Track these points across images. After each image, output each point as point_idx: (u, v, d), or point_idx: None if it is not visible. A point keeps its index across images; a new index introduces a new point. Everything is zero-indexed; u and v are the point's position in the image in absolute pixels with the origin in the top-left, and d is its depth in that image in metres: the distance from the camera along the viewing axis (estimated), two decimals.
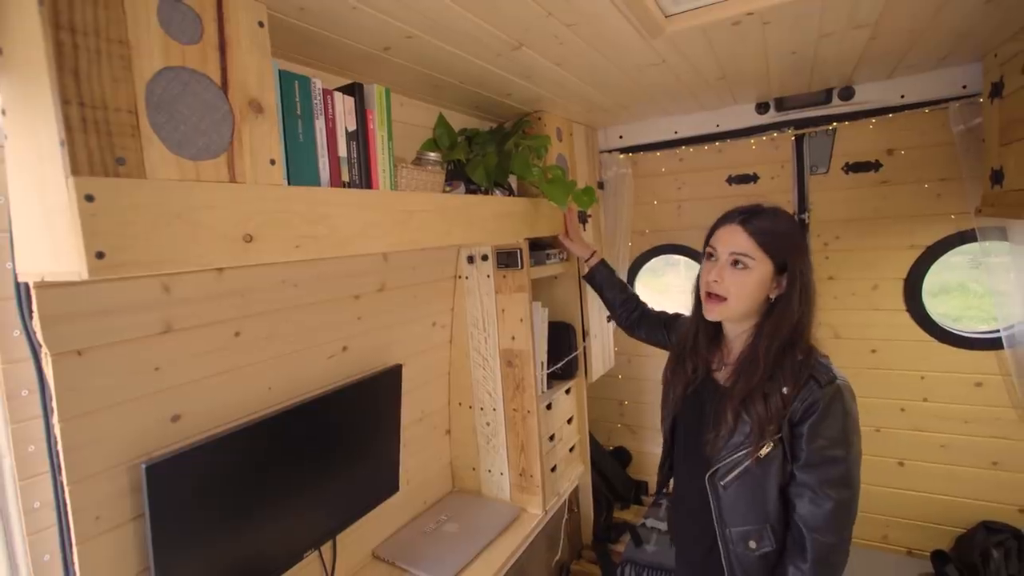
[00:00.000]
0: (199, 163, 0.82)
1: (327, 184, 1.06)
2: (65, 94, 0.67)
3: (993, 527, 1.99)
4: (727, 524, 1.13)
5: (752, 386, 1.06)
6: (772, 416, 1.04)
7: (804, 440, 1.03)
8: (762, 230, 1.08)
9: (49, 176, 0.70)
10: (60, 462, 0.94)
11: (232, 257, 0.84)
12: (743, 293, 1.09)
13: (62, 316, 0.91)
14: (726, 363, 1.20)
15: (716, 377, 1.21)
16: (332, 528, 1.42)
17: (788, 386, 1.04)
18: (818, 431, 1.02)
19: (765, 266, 1.07)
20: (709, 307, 1.14)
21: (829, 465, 1.02)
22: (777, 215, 1.12)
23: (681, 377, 1.25)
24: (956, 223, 1.98)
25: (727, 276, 1.09)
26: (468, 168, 1.58)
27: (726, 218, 1.14)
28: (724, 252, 1.10)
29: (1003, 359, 1.95)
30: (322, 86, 1.05)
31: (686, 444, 1.25)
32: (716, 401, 1.14)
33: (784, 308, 1.08)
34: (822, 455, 1.02)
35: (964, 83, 1.84)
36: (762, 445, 1.05)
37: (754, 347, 1.09)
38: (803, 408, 1.03)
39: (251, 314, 1.23)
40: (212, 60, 0.84)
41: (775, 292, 1.09)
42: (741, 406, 1.07)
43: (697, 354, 1.23)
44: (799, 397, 1.03)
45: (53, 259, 0.73)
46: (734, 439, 1.09)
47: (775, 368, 1.06)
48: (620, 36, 1.28)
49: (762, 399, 1.05)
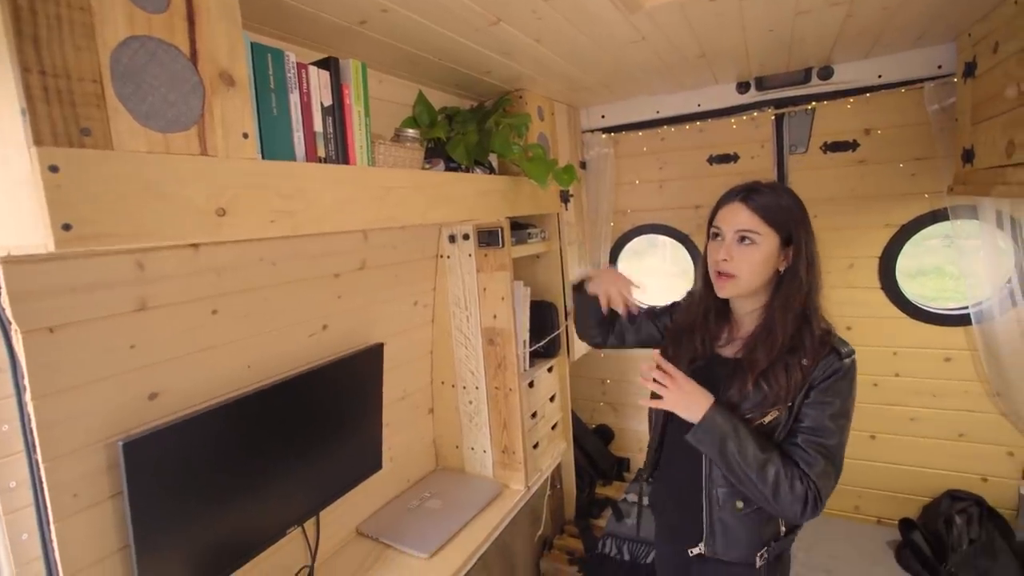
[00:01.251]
0: (168, 135, 0.80)
1: (302, 159, 1.04)
2: (25, 62, 0.65)
3: (957, 495, 2.07)
4: (715, 484, 1.15)
5: (772, 357, 1.08)
6: (792, 387, 1.05)
7: (813, 405, 1.05)
8: (764, 205, 1.09)
9: (11, 147, 0.68)
10: (35, 440, 0.93)
11: (205, 232, 0.83)
12: (753, 269, 1.10)
13: (32, 292, 0.89)
14: (733, 338, 1.21)
15: (722, 352, 1.22)
16: (315, 505, 1.43)
17: (808, 359, 1.06)
18: (827, 397, 1.05)
19: (771, 240, 1.09)
20: (720, 284, 1.14)
21: (828, 433, 1.04)
22: (776, 189, 1.14)
23: (687, 351, 1.24)
24: (930, 202, 2.02)
25: (735, 253, 1.10)
26: (448, 146, 1.57)
27: (727, 197, 1.16)
28: (729, 230, 1.12)
29: (971, 335, 2.01)
30: (296, 59, 1.03)
31: (682, 420, 1.19)
32: (728, 372, 1.14)
33: (792, 280, 1.10)
34: (830, 422, 1.04)
35: (939, 63, 1.86)
36: (768, 412, 1.07)
37: (769, 320, 1.11)
38: (822, 376, 1.05)
39: (228, 292, 1.22)
40: (180, 30, 0.82)
41: (783, 265, 1.11)
42: (761, 376, 1.08)
43: (707, 329, 1.23)
44: (820, 367, 1.05)
45: (18, 232, 0.72)
46: (744, 405, 1.10)
47: (794, 340, 1.08)
48: (598, 10, 1.27)
49: (783, 370, 1.06)
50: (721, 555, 1.17)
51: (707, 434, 1.07)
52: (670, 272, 3.66)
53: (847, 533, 2.19)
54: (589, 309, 1.44)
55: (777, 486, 1.03)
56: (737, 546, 1.16)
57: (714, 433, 1.07)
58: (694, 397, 1.10)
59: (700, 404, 1.09)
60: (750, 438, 1.05)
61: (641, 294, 1.38)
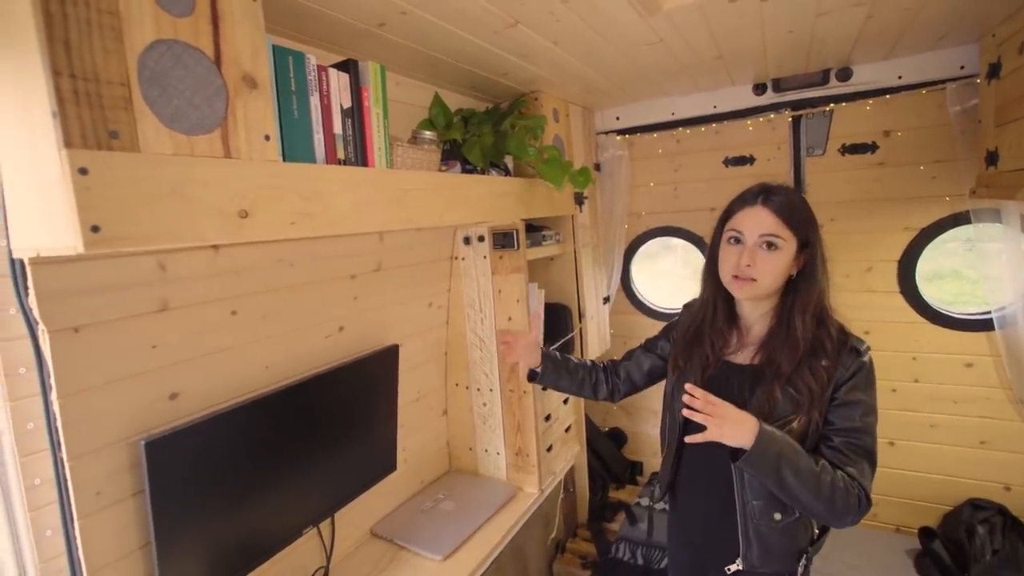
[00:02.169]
0: (193, 138, 0.81)
1: (322, 161, 1.05)
2: (56, 65, 0.66)
3: (979, 504, 2.03)
4: (750, 498, 1.11)
5: (795, 362, 1.06)
6: (819, 389, 1.04)
7: (842, 406, 1.05)
8: (784, 206, 1.08)
9: (42, 149, 0.69)
10: (60, 438, 0.95)
11: (227, 233, 0.84)
12: (776, 274, 1.08)
13: (58, 293, 0.91)
14: (744, 344, 1.18)
15: (734, 359, 1.18)
16: (330, 506, 1.44)
17: (828, 359, 1.05)
18: (856, 395, 1.05)
19: (792, 245, 1.08)
20: (738, 285, 1.11)
21: (865, 435, 1.05)
22: (788, 191, 1.12)
23: (698, 360, 1.20)
24: (951, 205, 1.99)
25: (759, 259, 1.08)
26: (464, 148, 1.57)
27: (744, 200, 1.13)
28: (753, 234, 1.09)
29: (993, 340, 1.97)
30: (316, 62, 1.04)
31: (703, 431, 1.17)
32: (748, 380, 1.12)
33: (810, 283, 1.09)
34: (861, 423, 1.05)
35: (962, 64, 1.83)
36: (798, 418, 1.05)
37: (787, 325, 1.10)
38: (847, 375, 1.05)
39: (247, 293, 1.24)
40: (205, 33, 0.83)
41: (795, 268, 1.10)
42: (787, 382, 1.06)
43: (717, 332, 1.20)
44: (840, 365, 1.05)
45: (48, 234, 0.73)
46: (774, 415, 1.06)
47: (813, 342, 1.07)
48: (617, 13, 1.27)
49: (809, 373, 1.05)
50: (760, 568, 1.13)
51: (761, 459, 1.00)
52: (682, 275, 3.64)
53: (865, 541, 2.15)
54: (573, 385, 1.45)
55: (832, 498, 1.01)
56: (777, 558, 1.12)
57: (768, 457, 1.00)
58: (740, 423, 1.02)
59: (747, 429, 1.01)
60: (799, 454, 1.01)
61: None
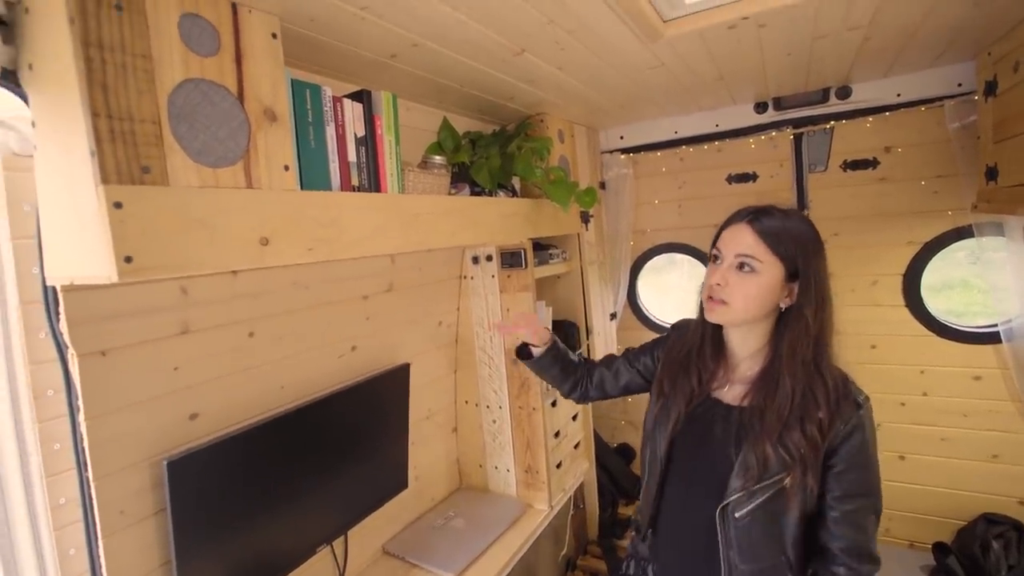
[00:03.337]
0: (218, 170, 0.86)
1: (338, 188, 1.09)
2: (95, 107, 0.71)
3: (994, 519, 2.01)
4: (737, 563, 1.00)
5: (785, 414, 0.95)
6: (812, 445, 0.94)
7: (843, 470, 0.96)
8: (771, 230, 0.98)
9: (79, 184, 0.74)
10: (86, 459, 0.98)
11: (249, 260, 0.88)
12: (747, 299, 0.99)
13: (87, 318, 0.94)
14: (731, 381, 1.09)
15: (721, 396, 1.09)
16: (343, 523, 1.46)
17: (824, 411, 0.95)
18: (858, 460, 0.96)
19: (774, 270, 0.98)
20: (710, 307, 1.03)
21: (869, 496, 0.98)
22: (789, 215, 1.02)
23: (684, 390, 1.10)
24: (953, 219, 2.01)
25: (732, 279, 1.00)
26: (472, 170, 1.62)
27: (734, 217, 1.05)
28: (729, 254, 1.01)
29: (1001, 353, 1.97)
30: (332, 93, 1.08)
31: (685, 472, 1.10)
32: (734, 424, 1.02)
33: (797, 320, 0.98)
34: (864, 485, 0.97)
35: (959, 81, 1.86)
36: (788, 476, 0.95)
37: (775, 369, 1.00)
38: (844, 432, 0.95)
39: (264, 315, 1.27)
40: (229, 71, 0.88)
41: (786, 301, 1.00)
42: (779, 441, 0.95)
43: (704, 364, 1.11)
44: (839, 419, 0.95)
45: (83, 263, 0.77)
46: (765, 475, 0.96)
47: (805, 391, 0.96)
48: (620, 41, 1.31)
49: (799, 427, 0.94)
50: None
51: None
52: (688, 288, 3.67)
53: None
54: (557, 378, 1.42)
55: None
56: None
57: None
58: None
59: None
60: None
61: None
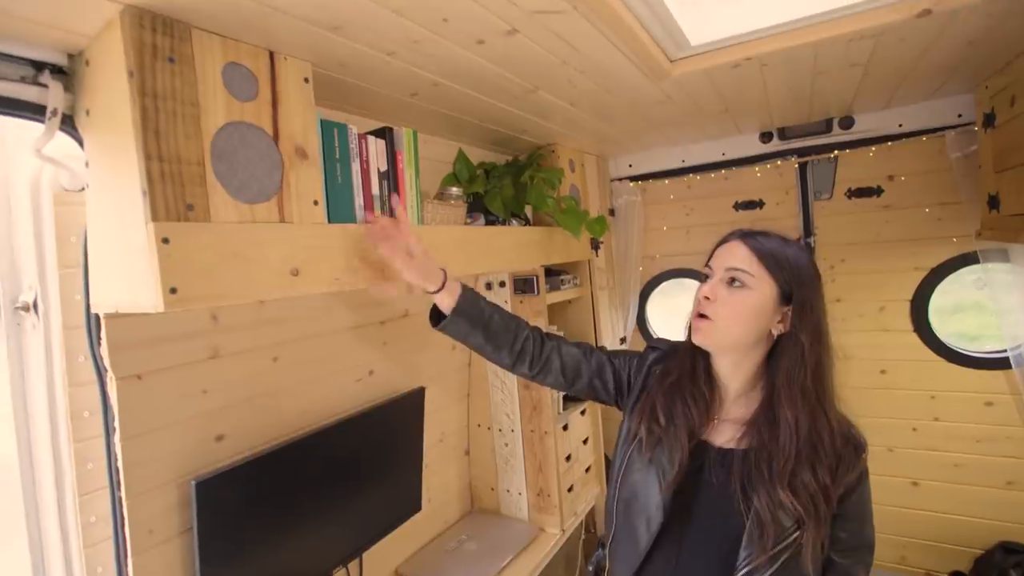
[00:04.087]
0: (254, 206, 0.92)
1: (362, 221, 1.15)
2: (148, 151, 0.77)
3: (1011, 547, 1.99)
4: None
5: (792, 452, 0.86)
6: (826, 494, 0.86)
7: (848, 520, 0.91)
8: (765, 247, 0.93)
9: (129, 220, 0.80)
10: (120, 478, 1.02)
11: (281, 290, 0.93)
12: (735, 316, 0.91)
13: (126, 343, 1.00)
14: (720, 419, 0.98)
15: (710, 439, 0.97)
16: (359, 545, 1.48)
17: (830, 456, 0.87)
18: (864, 511, 0.93)
19: (766, 287, 0.91)
20: (695, 326, 0.95)
21: (870, 550, 0.94)
22: (788, 242, 0.96)
23: (686, 420, 0.96)
24: (958, 245, 2.04)
25: (720, 293, 0.93)
26: (486, 199, 1.68)
27: (727, 236, 0.99)
28: (720, 268, 0.94)
29: (1012, 378, 1.98)
30: (357, 131, 1.15)
31: (678, 530, 0.94)
32: (739, 475, 0.89)
33: (795, 347, 0.90)
34: (867, 538, 0.94)
35: (959, 112, 1.91)
36: (802, 531, 0.85)
37: (775, 403, 0.90)
38: (852, 480, 0.89)
39: (288, 340, 1.32)
40: (265, 114, 0.94)
41: (778, 327, 0.92)
42: (790, 487, 0.85)
43: (693, 395, 0.98)
44: (843, 466, 0.88)
45: (130, 293, 0.83)
46: (780, 530, 0.85)
47: (811, 429, 0.88)
48: (629, 79, 1.38)
49: (811, 473, 0.85)
50: None
51: None
52: None
53: None
54: (488, 344, 1.11)
55: None
56: None
57: None
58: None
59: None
60: None
61: None
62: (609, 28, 1.06)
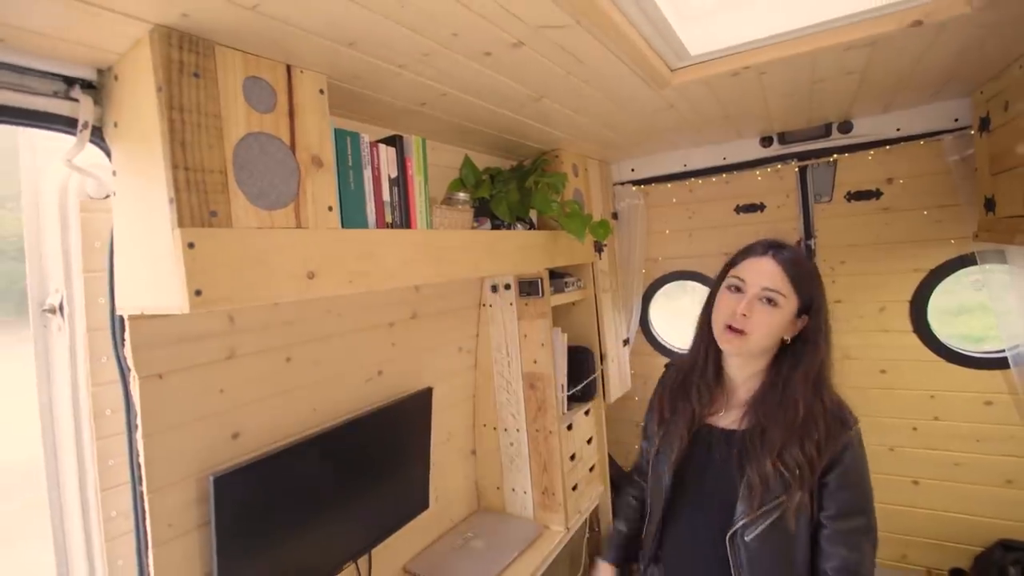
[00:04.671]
0: (272, 212, 0.96)
1: (374, 226, 1.19)
2: (175, 161, 0.81)
3: (1011, 545, 2.01)
4: (744, 572, 1.03)
5: (789, 433, 1.00)
6: (811, 467, 0.98)
7: (835, 488, 1.00)
8: (792, 263, 1.05)
9: (156, 227, 0.84)
10: (141, 474, 1.06)
11: (299, 292, 0.97)
12: (769, 331, 1.04)
13: (149, 343, 1.04)
14: (729, 406, 1.13)
15: (716, 422, 1.13)
16: (369, 542, 1.52)
17: (820, 431, 1.00)
18: (850, 479, 1.00)
19: (792, 305, 1.04)
20: (728, 338, 1.07)
21: (861, 515, 1.01)
22: (797, 250, 1.10)
23: (684, 413, 1.14)
24: (957, 247, 2.07)
25: (756, 311, 1.04)
26: (492, 204, 1.72)
27: (752, 250, 1.10)
28: (755, 286, 1.05)
29: (1011, 378, 2.00)
30: (368, 139, 1.19)
31: (690, 500, 1.13)
32: (733, 447, 1.06)
33: (813, 349, 1.04)
34: (856, 504, 1.01)
35: (956, 116, 1.95)
36: (787, 496, 0.99)
37: (783, 388, 1.04)
38: (837, 451, 0.99)
39: (300, 341, 1.37)
40: (283, 124, 0.99)
41: (790, 333, 1.06)
42: (778, 456, 0.99)
43: (705, 384, 1.15)
44: (831, 439, 0.99)
45: (155, 296, 0.87)
46: (767, 495, 1.00)
47: (807, 415, 1.01)
48: (631, 88, 1.42)
49: (799, 447, 0.99)
50: None
51: None
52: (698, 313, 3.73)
53: None
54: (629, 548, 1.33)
55: None
56: None
57: None
58: None
59: None
60: None
61: None
62: (611, 40, 1.10)
